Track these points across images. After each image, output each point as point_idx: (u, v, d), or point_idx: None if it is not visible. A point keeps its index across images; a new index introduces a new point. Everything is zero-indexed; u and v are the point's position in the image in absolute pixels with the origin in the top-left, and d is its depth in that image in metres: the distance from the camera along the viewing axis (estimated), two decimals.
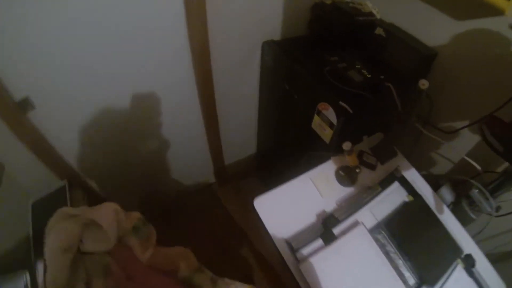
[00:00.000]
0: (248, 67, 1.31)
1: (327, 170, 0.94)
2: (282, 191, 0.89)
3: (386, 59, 1.03)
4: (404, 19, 1.06)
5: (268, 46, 1.18)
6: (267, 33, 1.20)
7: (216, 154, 1.63)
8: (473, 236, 0.95)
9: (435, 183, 1.03)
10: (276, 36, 1.23)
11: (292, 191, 0.90)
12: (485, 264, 0.89)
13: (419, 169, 1.17)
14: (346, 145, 0.84)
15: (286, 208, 0.87)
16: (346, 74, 0.94)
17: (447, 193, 1.00)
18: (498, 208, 0.91)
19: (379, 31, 1.03)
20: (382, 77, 0.94)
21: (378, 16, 1.11)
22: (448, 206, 0.99)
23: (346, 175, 0.92)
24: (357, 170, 0.88)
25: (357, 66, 0.97)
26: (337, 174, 0.93)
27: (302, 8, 1.19)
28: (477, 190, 0.92)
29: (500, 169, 0.97)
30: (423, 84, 0.77)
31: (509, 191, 0.89)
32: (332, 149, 0.96)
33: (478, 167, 0.96)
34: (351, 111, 0.86)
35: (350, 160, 0.87)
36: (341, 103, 0.87)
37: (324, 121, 0.93)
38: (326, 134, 0.95)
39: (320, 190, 0.90)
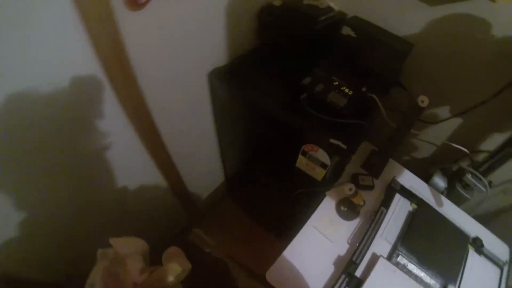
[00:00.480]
0: (197, 109, 1.07)
1: (327, 210, 0.86)
2: (290, 253, 0.81)
3: (359, 61, 0.89)
4: (369, 10, 0.92)
5: (217, 78, 0.95)
6: (211, 60, 0.96)
7: (184, 201, 1.44)
8: (471, 212, 0.99)
9: (425, 173, 1.02)
10: (222, 59, 0.99)
11: (300, 248, 0.82)
12: (487, 235, 0.94)
13: (402, 155, 1.15)
14: (350, 189, 0.75)
15: (300, 269, 0.80)
16: (327, 100, 0.80)
17: (440, 181, 0.99)
18: (490, 183, 0.93)
19: (346, 30, 0.88)
20: (364, 89, 0.83)
21: (336, 8, 0.95)
22: (442, 193, 1.00)
23: (348, 209, 0.85)
24: (362, 204, 0.81)
25: (335, 83, 0.83)
26: (338, 211, 0.86)
27: (246, 18, 0.97)
28: (470, 175, 0.92)
29: (485, 146, 0.97)
30: (423, 101, 0.67)
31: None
32: (325, 184, 0.87)
33: (465, 150, 0.94)
34: (345, 147, 0.75)
35: (356, 200, 0.79)
36: (332, 140, 0.75)
37: (313, 161, 0.82)
38: (317, 173, 0.85)
39: (327, 236, 0.83)
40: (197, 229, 1.65)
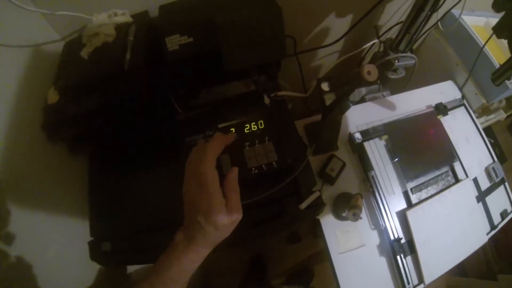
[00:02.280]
0: None
1: (333, 229, 0.71)
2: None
3: (227, 64, 0.54)
4: None
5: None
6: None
7: None
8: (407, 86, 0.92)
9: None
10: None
11: (349, 278, 0.70)
12: (433, 91, 0.91)
13: None
14: (354, 214, 0.61)
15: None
16: (252, 171, 0.51)
17: None
18: (412, 51, 0.83)
19: (172, 42, 0.52)
20: (267, 100, 0.56)
21: (130, 19, 0.58)
22: (379, 90, 0.89)
23: (353, 215, 0.70)
24: (361, 204, 0.67)
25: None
26: (342, 219, 0.72)
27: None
28: (397, 61, 0.79)
29: (386, 25, 0.82)
30: (369, 72, 0.46)
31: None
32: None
33: (375, 41, 0.79)
34: (319, 193, 0.55)
35: (359, 204, 0.65)
36: (303, 206, 0.53)
37: None
38: None
39: (356, 246, 0.71)
40: None
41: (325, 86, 0.63)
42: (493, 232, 0.81)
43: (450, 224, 0.76)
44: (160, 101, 0.61)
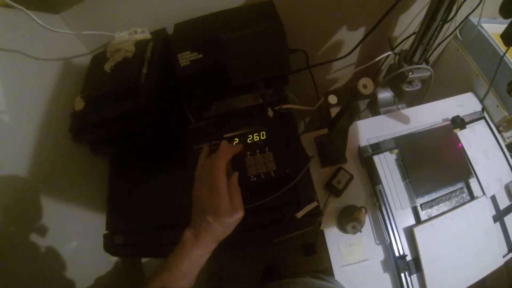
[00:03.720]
0: None
1: (336, 241, 0.72)
2: None
3: (234, 79, 0.59)
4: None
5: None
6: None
7: None
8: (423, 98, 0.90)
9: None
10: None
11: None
12: (452, 103, 0.88)
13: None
14: (353, 227, 0.61)
15: None
16: (251, 178, 0.53)
17: (386, 93, 0.86)
18: (428, 62, 0.81)
19: (184, 58, 0.57)
20: (270, 112, 0.59)
21: (148, 35, 0.64)
22: (394, 102, 0.88)
23: (352, 228, 0.70)
24: (365, 216, 0.67)
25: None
26: (345, 232, 0.72)
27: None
28: (411, 73, 0.79)
29: (401, 36, 0.82)
30: (365, 85, 0.47)
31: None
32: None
33: (390, 51, 0.79)
34: (317, 203, 0.57)
35: (361, 217, 0.65)
36: (300, 214, 0.55)
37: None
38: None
39: (360, 259, 0.71)
40: None
41: (333, 100, 0.65)
42: (511, 254, 0.77)
43: (462, 244, 0.73)
44: (174, 111, 0.67)
